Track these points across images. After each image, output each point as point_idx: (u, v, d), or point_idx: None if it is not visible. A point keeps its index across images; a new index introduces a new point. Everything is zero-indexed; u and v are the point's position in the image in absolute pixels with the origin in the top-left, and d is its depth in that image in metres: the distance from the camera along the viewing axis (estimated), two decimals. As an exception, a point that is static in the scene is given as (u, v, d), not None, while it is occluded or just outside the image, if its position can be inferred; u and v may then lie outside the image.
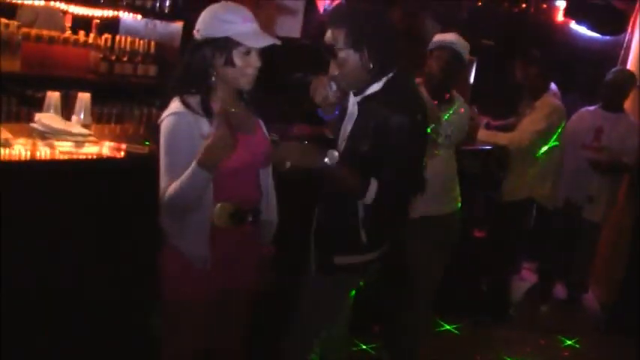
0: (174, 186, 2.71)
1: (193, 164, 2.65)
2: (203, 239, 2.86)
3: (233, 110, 2.91)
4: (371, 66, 2.97)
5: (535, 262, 7.00)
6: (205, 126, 2.76)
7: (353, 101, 3.11)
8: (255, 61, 2.84)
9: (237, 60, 2.81)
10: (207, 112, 2.80)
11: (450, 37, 4.29)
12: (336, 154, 2.89)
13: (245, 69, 2.83)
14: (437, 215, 4.29)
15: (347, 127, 3.12)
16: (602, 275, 6.74)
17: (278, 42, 2.85)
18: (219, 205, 2.85)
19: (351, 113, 3.12)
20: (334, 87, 3.11)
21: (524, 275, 7.03)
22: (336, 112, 3.20)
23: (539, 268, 6.89)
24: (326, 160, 2.88)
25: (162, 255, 2.94)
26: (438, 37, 4.33)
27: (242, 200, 2.94)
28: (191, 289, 2.92)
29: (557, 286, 6.80)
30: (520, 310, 6.23)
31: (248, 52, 2.81)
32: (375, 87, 3.02)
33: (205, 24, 2.83)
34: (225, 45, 2.79)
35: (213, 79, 2.86)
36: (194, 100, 2.82)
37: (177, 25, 5.51)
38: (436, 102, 4.23)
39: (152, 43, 5.57)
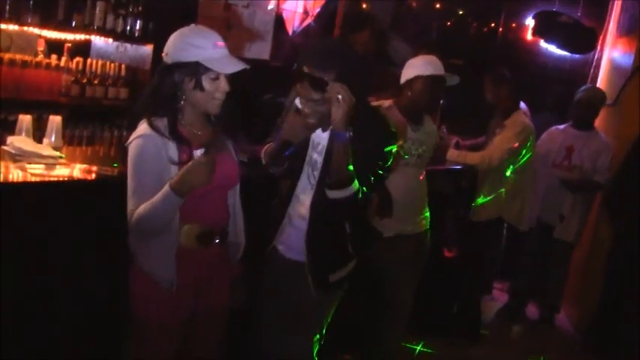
0: (143, 208, 2.75)
1: (165, 188, 2.70)
2: (169, 261, 2.90)
3: (200, 133, 2.97)
4: None
5: (507, 281, 7.08)
6: (172, 149, 2.82)
7: (320, 135, 3.23)
8: (223, 86, 2.89)
9: (206, 85, 2.86)
10: (175, 135, 2.85)
11: (428, 65, 4.28)
12: None
13: (214, 93, 2.89)
14: (411, 234, 4.43)
15: (315, 157, 3.27)
16: (574, 295, 6.81)
17: (247, 67, 2.90)
18: (186, 226, 2.91)
19: (318, 145, 3.25)
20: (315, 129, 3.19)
21: (495, 295, 7.10)
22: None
23: (511, 287, 6.95)
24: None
25: (131, 276, 2.99)
26: (416, 68, 4.28)
27: (209, 222, 3.00)
28: (160, 310, 2.96)
29: (530, 305, 6.87)
30: (493, 330, 6.29)
31: (217, 77, 2.86)
32: None
33: (175, 48, 2.86)
34: (194, 70, 2.84)
35: (182, 102, 2.90)
36: (162, 123, 2.86)
37: (148, 48, 5.59)
38: (407, 121, 4.31)
39: (123, 66, 5.64)
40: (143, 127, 2.87)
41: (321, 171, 3.22)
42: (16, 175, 3.33)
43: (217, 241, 3.05)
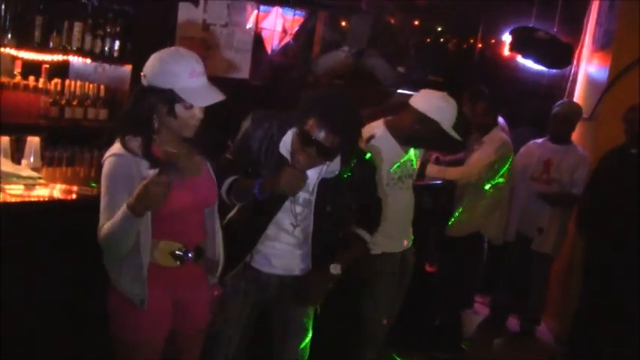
0: (106, 226, 2.77)
1: (123, 207, 2.69)
2: (139, 279, 2.90)
3: (175, 152, 2.98)
4: None
5: (488, 295, 7.12)
6: (145, 168, 2.83)
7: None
8: (197, 115, 2.90)
9: (180, 112, 2.86)
10: (147, 155, 2.85)
11: (448, 118, 4.16)
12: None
13: (187, 120, 2.89)
14: (397, 252, 4.50)
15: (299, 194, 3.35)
16: (555, 307, 6.87)
17: (222, 98, 2.89)
18: (161, 243, 2.93)
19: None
20: (308, 177, 3.26)
21: (477, 309, 7.12)
22: None
23: (492, 301, 7.01)
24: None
25: (108, 293, 2.99)
26: (438, 112, 4.11)
27: (185, 239, 3.00)
28: (135, 329, 2.97)
29: (510, 318, 6.92)
30: (473, 344, 6.32)
31: (191, 105, 2.86)
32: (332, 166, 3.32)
33: (152, 72, 2.85)
34: (168, 97, 2.83)
35: (156, 124, 2.91)
36: (136, 142, 2.86)
37: (127, 69, 5.63)
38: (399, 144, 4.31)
39: (102, 87, 5.68)
40: (116, 147, 2.88)
41: (317, 207, 3.36)
42: (-5, 196, 3.35)
43: (192, 257, 3.03)
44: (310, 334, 3.61)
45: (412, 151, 4.41)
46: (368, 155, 3.55)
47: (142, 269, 2.89)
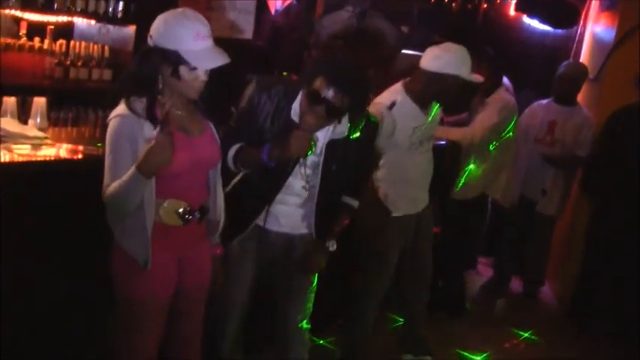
0: (113, 186, 2.79)
1: (132, 168, 2.72)
2: (144, 238, 2.93)
3: (179, 113, 3.00)
4: None
5: (491, 257, 7.19)
6: (149, 129, 2.84)
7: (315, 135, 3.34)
8: (202, 76, 2.91)
9: (184, 74, 2.88)
10: (151, 116, 2.88)
11: (463, 67, 4.31)
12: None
13: (191, 82, 2.91)
14: (416, 213, 4.66)
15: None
16: (558, 269, 6.94)
17: (226, 62, 2.90)
18: (166, 202, 2.96)
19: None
20: (317, 138, 3.31)
21: (480, 270, 7.20)
22: None
23: (495, 262, 7.06)
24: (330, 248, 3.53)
25: (111, 252, 3.03)
26: (451, 65, 4.26)
27: (189, 199, 3.03)
28: (139, 288, 3.00)
29: (514, 280, 6.98)
30: (477, 305, 6.39)
31: (195, 67, 2.87)
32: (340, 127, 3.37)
33: (158, 33, 2.87)
34: (173, 58, 2.85)
35: (160, 85, 2.93)
36: (140, 104, 2.89)
37: (131, 30, 5.66)
38: (419, 107, 4.41)
39: (106, 48, 5.72)
40: (121, 107, 2.90)
41: (324, 168, 3.42)
42: (2, 155, 3.41)
43: (197, 217, 3.07)
44: (314, 290, 3.70)
45: (432, 114, 4.50)
46: (373, 118, 3.61)
47: (147, 229, 2.92)
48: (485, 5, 8.15)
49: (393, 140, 4.29)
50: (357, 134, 3.42)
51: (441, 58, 4.28)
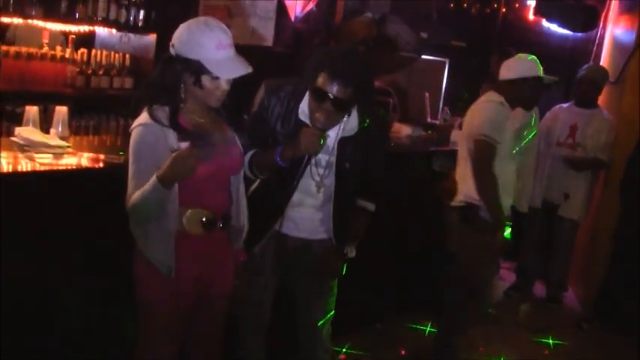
0: (135, 195, 2.81)
1: (153, 178, 2.74)
2: (167, 247, 2.95)
3: (202, 121, 3.01)
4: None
5: (514, 261, 7.14)
6: (172, 137, 2.86)
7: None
8: (224, 85, 2.92)
9: (206, 83, 2.89)
10: (175, 124, 2.89)
11: (533, 67, 4.65)
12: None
13: (213, 91, 2.92)
14: None
15: (319, 157, 3.38)
16: (581, 273, 6.89)
17: (248, 71, 2.91)
18: (189, 211, 2.97)
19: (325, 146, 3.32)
20: (327, 136, 3.27)
21: (503, 275, 7.15)
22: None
23: (518, 267, 7.02)
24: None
25: (134, 260, 3.05)
26: (526, 69, 4.63)
27: (212, 206, 3.05)
28: (162, 296, 3.02)
29: (537, 285, 6.94)
30: (500, 309, 6.34)
31: (217, 77, 2.88)
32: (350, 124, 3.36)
33: (180, 42, 2.88)
34: (195, 67, 2.86)
35: (183, 93, 2.93)
36: (163, 112, 2.90)
37: (151, 38, 5.67)
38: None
39: (127, 56, 5.73)
40: (144, 116, 2.91)
41: (338, 166, 3.39)
42: (25, 164, 3.42)
43: (220, 225, 3.09)
44: (335, 295, 3.68)
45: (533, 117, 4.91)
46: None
47: (170, 237, 2.94)
48: (504, 9, 8.12)
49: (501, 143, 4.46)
50: (368, 128, 3.40)
51: (520, 65, 4.66)
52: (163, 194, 2.79)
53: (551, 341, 5.84)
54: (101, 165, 3.65)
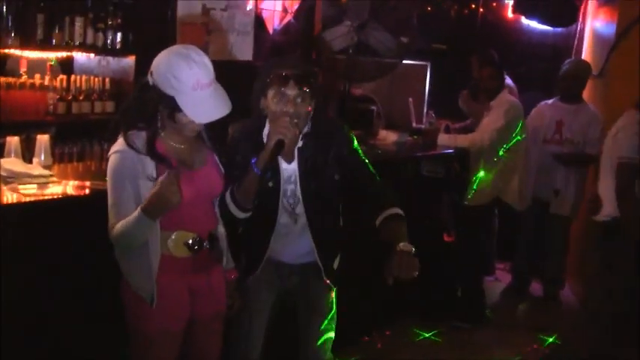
0: (119, 226, 2.77)
1: (138, 210, 2.70)
2: (148, 275, 2.91)
3: (182, 147, 2.99)
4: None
5: (508, 261, 7.14)
6: (149, 165, 2.83)
7: (288, 167, 3.35)
8: (198, 126, 2.92)
9: (180, 119, 2.86)
10: (152, 151, 2.85)
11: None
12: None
13: (188, 125, 2.89)
14: None
15: (288, 188, 3.37)
16: (577, 269, 6.85)
17: (226, 112, 2.87)
18: (174, 234, 2.94)
19: (290, 178, 3.36)
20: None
21: (498, 276, 7.16)
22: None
23: (513, 267, 7.01)
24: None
25: (121, 287, 3.03)
26: None
27: (197, 229, 3.02)
28: (151, 323, 2.99)
29: (534, 283, 6.94)
30: (498, 311, 6.33)
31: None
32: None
33: (158, 73, 2.83)
34: (170, 103, 2.82)
35: (159, 121, 2.91)
36: (140, 138, 2.87)
37: (130, 60, 5.62)
38: None
39: (107, 80, 5.69)
40: (120, 143, 2.88)
41: (303, 185, 3.36)
42: (9, 196, 3.37)
43: (207, 247, 3.05)
44: (335, 314, 3.65)
45: None
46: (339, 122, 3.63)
47: (151, 266, 2.90)
48: (482, 9, 8.13)
49: None
50: (328, 136, 3.38)
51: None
52: (149, 226, 2.75)
53: (550, 339, 5.82)
54: (87, 192, 3.61)
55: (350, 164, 3.41)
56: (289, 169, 3.35)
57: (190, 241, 2.98)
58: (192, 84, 2.79)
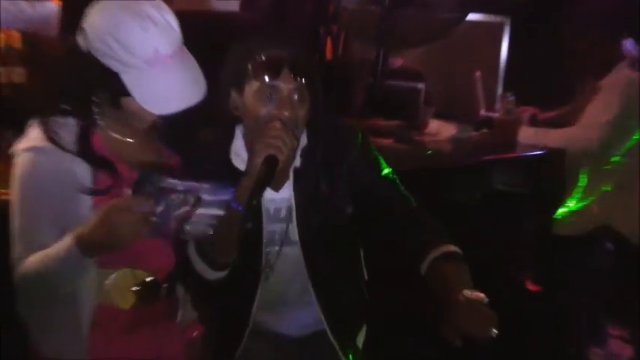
0: (33, 261, 2.66)
1: (68, 241, 2.59)
2: (74, 335, 2.85)
3: (131, 141, 2.92)
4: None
5: (628, 326, 7.01)
6: (83, 169, 2.73)
7: (274, 198, 3.37)
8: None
9: (129, 104, 2.77)
10: (86, 149, 2.75)
11: None
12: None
13: (138, 113, 2.79)
14: None
15: (272, 229, 3.38)
16: None
17: (199, 98, 2.82)
18: (114, 274, 2.86)
19: (279, 211, 3.39)
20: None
21: (612, 347, 7.02)
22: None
23: (635, 334, 6.88)
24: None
25: (28, 354, 2.96)
26: None
27: (151, 266, 2.96)
28: None
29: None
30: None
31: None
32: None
33: (95, 33, 2.72)
34: (112, 82, 2.73)
35: (96, 107, 2.82)
36: (66, 129, 2.76)
37: (53, 4, 5.56)
38: None
39: (17, 35, 5.61)
40: (35, 135, 2.75)
41: (301, 224, 3.36)
42: None
43: (164, 293, 3.02)
44: None
45: None
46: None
47: (81, 323, 2.85)
48: None
49: None
50: (334, 143, 3.37)
51: None
52: (82, 265, 2.64)
53: None
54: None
55: (368, 189, 3.40)
56: (277, 199, 3.36)
57: (139, 285, 2.92)
58: (146, 55, 2.69)
